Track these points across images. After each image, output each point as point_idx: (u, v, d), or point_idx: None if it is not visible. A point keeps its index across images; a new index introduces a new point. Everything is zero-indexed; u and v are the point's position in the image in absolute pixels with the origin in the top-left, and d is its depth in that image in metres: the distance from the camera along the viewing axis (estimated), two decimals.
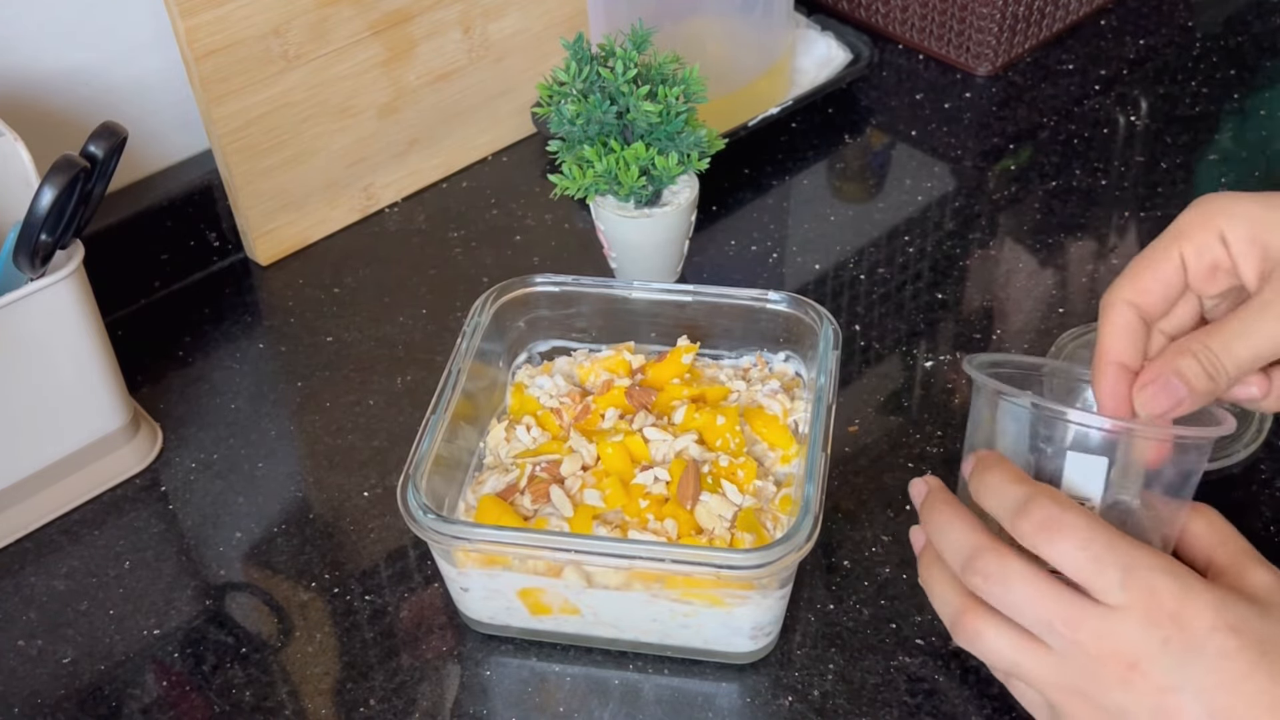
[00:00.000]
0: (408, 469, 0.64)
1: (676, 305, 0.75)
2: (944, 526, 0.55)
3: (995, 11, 1.02)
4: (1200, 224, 0.54)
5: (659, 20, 0.82)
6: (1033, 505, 0.52)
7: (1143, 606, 0.50)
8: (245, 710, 0.65)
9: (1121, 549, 0.51)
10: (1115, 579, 0.50)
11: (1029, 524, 0.52)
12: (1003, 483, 0.54)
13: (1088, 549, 0.51)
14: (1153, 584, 0.50)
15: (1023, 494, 0.53)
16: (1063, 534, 0.51)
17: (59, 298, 0.70)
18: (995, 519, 0.55)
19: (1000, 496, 0.54)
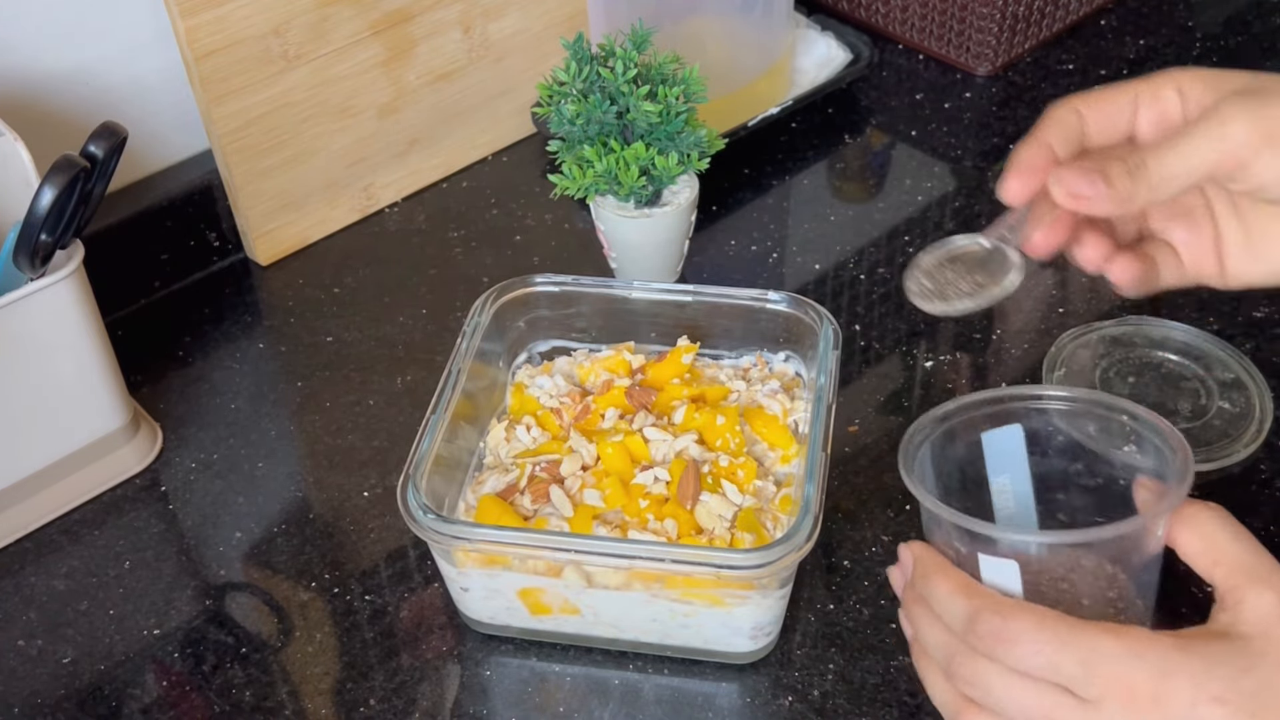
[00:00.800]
0: (408, 469, 0.64)
1: (676, 305, 0.75)
2: (919, 623, 0.54)
3: (995, 11, 1.02)
4: (1161, 76, 0.54)
5: (659, 20, 0.82)
6: (978, 622, 0.50)
7: (1117, 697, 0.48)
8: (245, 710, 0.65)
9: (1075, 644, 0.49)
10: (1079, 675, 0.49)
11: (980, 641, 0.50)
12: (946, 595, 0.52)
13: (1041, 654, 0.49)
14: (1119, 672, 0.48)
15: (966, 609, 0.51)
16: (1014, 644, 0.49)
17: (59, 298, 0.70)
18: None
19: (947, 612, 0.52)
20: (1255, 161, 0.50)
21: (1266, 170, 0.51)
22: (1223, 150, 0.50)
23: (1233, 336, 0.81)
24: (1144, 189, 0.52)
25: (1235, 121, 0.50)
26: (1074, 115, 0.55)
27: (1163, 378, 0.80)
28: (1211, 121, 0.51)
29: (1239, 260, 0.56)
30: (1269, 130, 0.50)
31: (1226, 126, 0.50)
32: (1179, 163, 0.51)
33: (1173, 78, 0.54)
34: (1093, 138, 0.55)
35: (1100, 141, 0.55)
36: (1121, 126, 0.55)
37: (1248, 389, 0.78)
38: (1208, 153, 0.51)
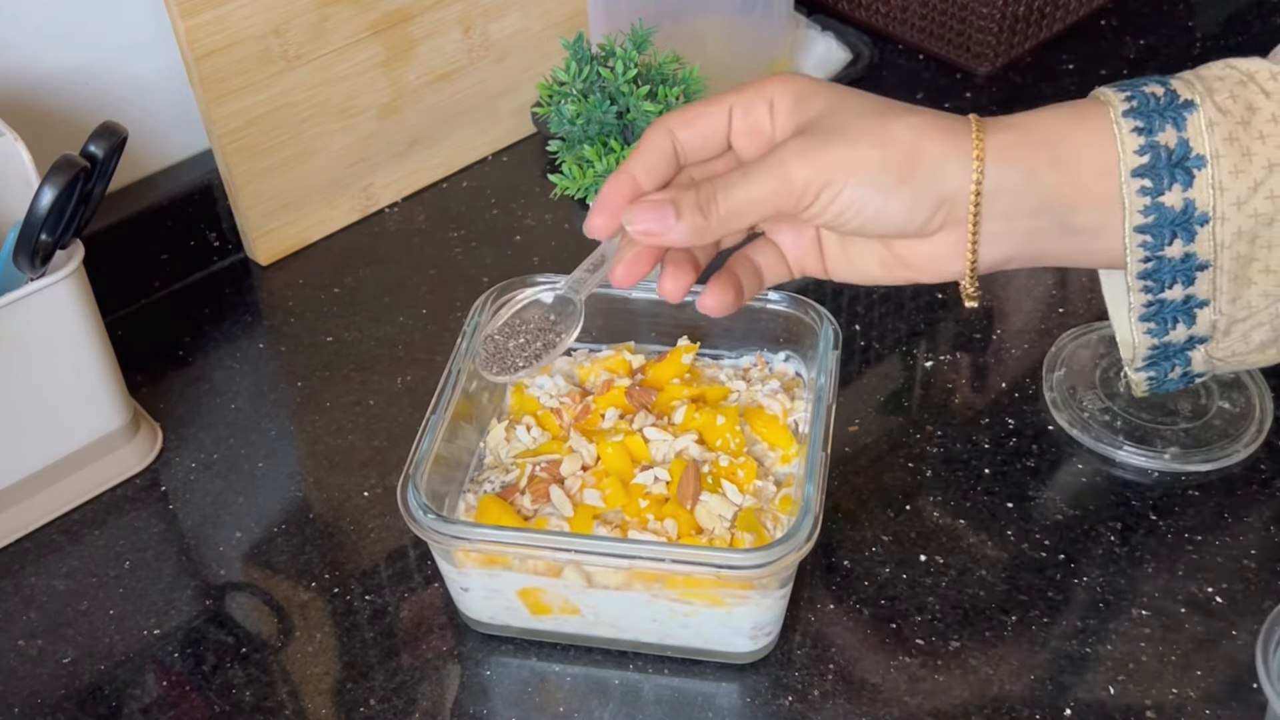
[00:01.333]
0: (408, 469, 0.64)
1: (676, 305, 0.75)
2: None
3: (995, 11, 1.02)
4: (756, 87, 0.55)
5: (659, 20, 0.82)
6: None
7: None
8: (245, 710, 0.65)
9: None
10: None
11: None
12: None
13: None
14: None
15: None
16: None
17: (59, 298, 0.70)
18: None
19: None
20: (815, 203, 0.52)
21: (826, 211, 0.53)
22: (784, 191, 0.52)
23: None
24: (715, 222, 0.53)
25: (793, 163, 0.52)
26: (666, 136, 0.56)
27: None
28: (772, 162, 0.53)
29: (836, 264, 0.58)
30: (824, 171, 0.52)
31: (785, 167, 0.52)
32: (744, 199, 0.53)
33: (766, 90, 0.55)
34: (689, 154, 0.56)
35: (698, 157, 0.57)
36: (717, 139, 0.56)
37: (1248, 389, 0.78)
38: (771, 192, 0.53)
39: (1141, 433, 0.76)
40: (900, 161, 0.52)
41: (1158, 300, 0.54)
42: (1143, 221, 0.52)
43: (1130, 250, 0.53)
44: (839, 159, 0.52)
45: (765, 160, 0.53)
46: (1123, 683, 0.64)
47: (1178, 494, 0.73)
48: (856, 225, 0.53)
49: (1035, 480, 0.74)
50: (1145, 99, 0.52)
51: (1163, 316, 0.54)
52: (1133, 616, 0.67)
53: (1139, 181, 0.52)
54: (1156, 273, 0.53)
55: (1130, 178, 0.52)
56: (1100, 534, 0.71)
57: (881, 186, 0.52)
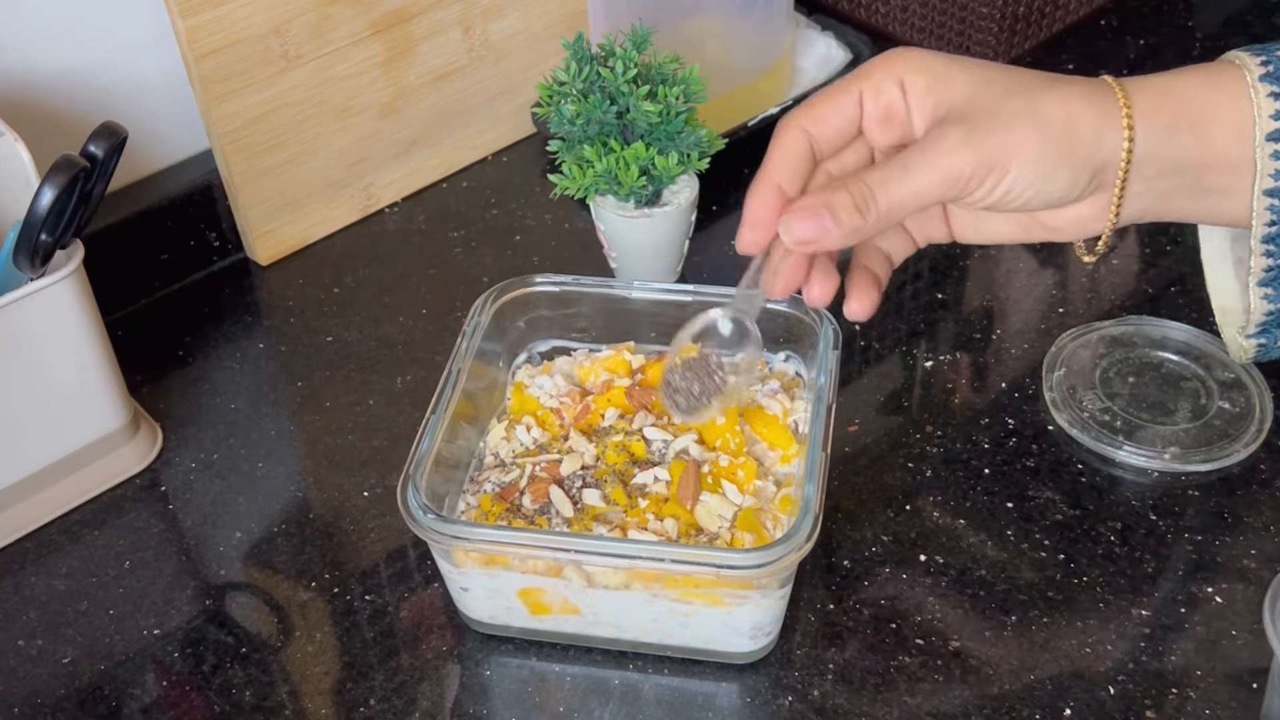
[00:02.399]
0: (408, 469, 0.64)
1: (676, 305, 0.75)
2: None
3: (995, 11, 1.02)
4: (884, 68, 0.55)
5: (659, 20, 0.82)
6: None
7: None
8: (245, 710, 0.65)
9: None
10: None
11: None
12: None
13: None
14: None
15: None
16: None
17: (59, 298, 0.70)
18: None
19: None
20: (979, 189, 0.52)
21: (989, 195, 0.53)
22: (949, 182, 0.52)
23: None
24: (873, 221, 0.53)
25: (957, 152, 0.52)
26: (800, 136, 0.55)
27: (1163, 378, 0.80)
28: (932, 153, 0.52)
29: (964, 230, 0.59)
30: (988, 159, 0.52)
31: (949, 158, 0.52)
32: (907, 194, 0.53)
33: (894, 69, 0.55)
34: (824, 149, 0.56)
35: (833, 148, 0.56)
36: (851, 129, 0.56)
37: (1248, 389, 0.78)
38: (935, 184, 0.52)
39: (1141, 433, 0.76)
40: (1059, 140, 0.52)
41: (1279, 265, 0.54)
42: (1273, 185, 0.52)
43: (1257, 213, 0.53)
44: (1001, 144, 0.52)
45: (924, 151, 0.53)
46: (1123, 683, 0.64)
47: (1178, 494, 0.73)
48: (1021, 204, 0.53)
49: (1035, 480, 0.74)
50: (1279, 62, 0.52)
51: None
52: (1132, 616, 0.67)
53: (1273, 145, 0.52)
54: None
55: (1265, 141, 0.52)
56: (1100, 534, 0.71)
57: (1044, 166, 0.52)
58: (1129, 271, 0.88)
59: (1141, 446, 0.75)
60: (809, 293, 0.57)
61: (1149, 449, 0.74)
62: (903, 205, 0.53)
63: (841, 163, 0.57)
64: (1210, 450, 0.74)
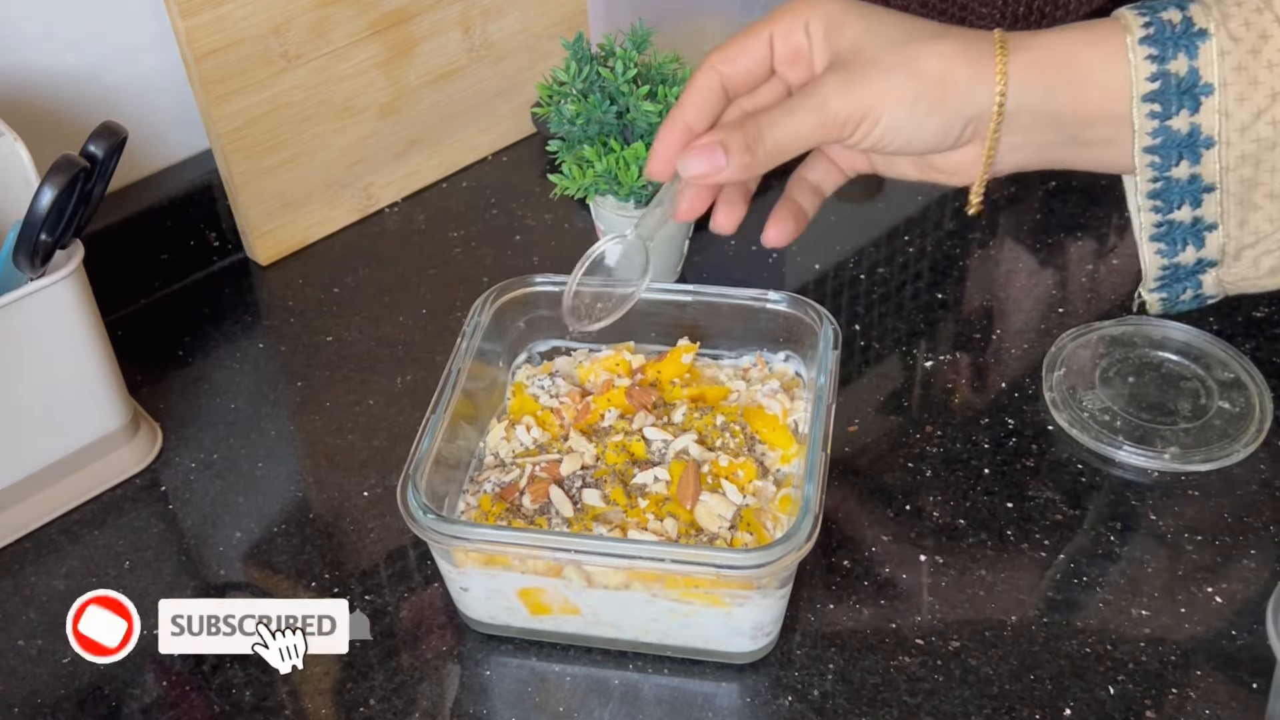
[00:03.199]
0: (408, 469, 0.64)
1: (676, 305, 0.75)
2: None
3: (995, 11, 1.02)
4: (791, 13, 0.57)
5: (659, 20, 0.82)
6: None
7: None
8: (245, 710, 0.65)
9: None
10: None
11: None
12: None
13: None
14: None
15: None
16: None
17: (59, 298, 0.70)
18: None
19: None
20: (855, 133, 0.55)
21: (864, 139, 0.56)
22: (825, 125, 0.55)
23: (1233, 336, 0.81)
24: (761, 158, 0.56)
25: (831, 99, 0.55)
26: (712, 75, 0.58)
27: (1163, 378, 0.80)
28: (811, 98, 0.55)
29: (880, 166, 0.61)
30: (861, 106, 0.55)
31: (825, 103, 0.55)
32: (790, 135, 0.55)
33: (800, 14, 0.57)
34: (736, 88, 0.59)
35: (746, 87, 0.59)
36: (761, 68, 0.59)
37: (1248, 389, 0.78)
38: (813, 128, 0.55)
39: (1141, 433, 0.76)
40: (931, 91, 0.54)
41: (1167, 221, 0.56)
42: (1151, 143, 0.54)
43: (1140, 169, 0.55)
44: (874, 93, 0.54)
45: (805, 96, 0.55)
46: (1122, 683, 0.64)
47: (1178, 494, 0.73)
48: (894, 149, 0.56)
49: (1035, 480, 0.74)
50: (1162, 25, 0.54)
51: (1172, 237, 0.57)
52: (1132, 616, 0.67)
53: (1149, 106, 0.54)
54: (1165, 193, 0.55)
55: (1141, 102, 0.54)
56: (1100, 534, 0.71)
57: (914, 115, 0.55)
58: (1129, 271, 0.88)
59: (1141, 446, 0.75)
60: (714, 221, 0.60)
61: (1149, 449, 0.74)
62: (785, 146, 0.56)
63: (756, 99, 0.60)
64: (1210, 450, 0.74)
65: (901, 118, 0.55)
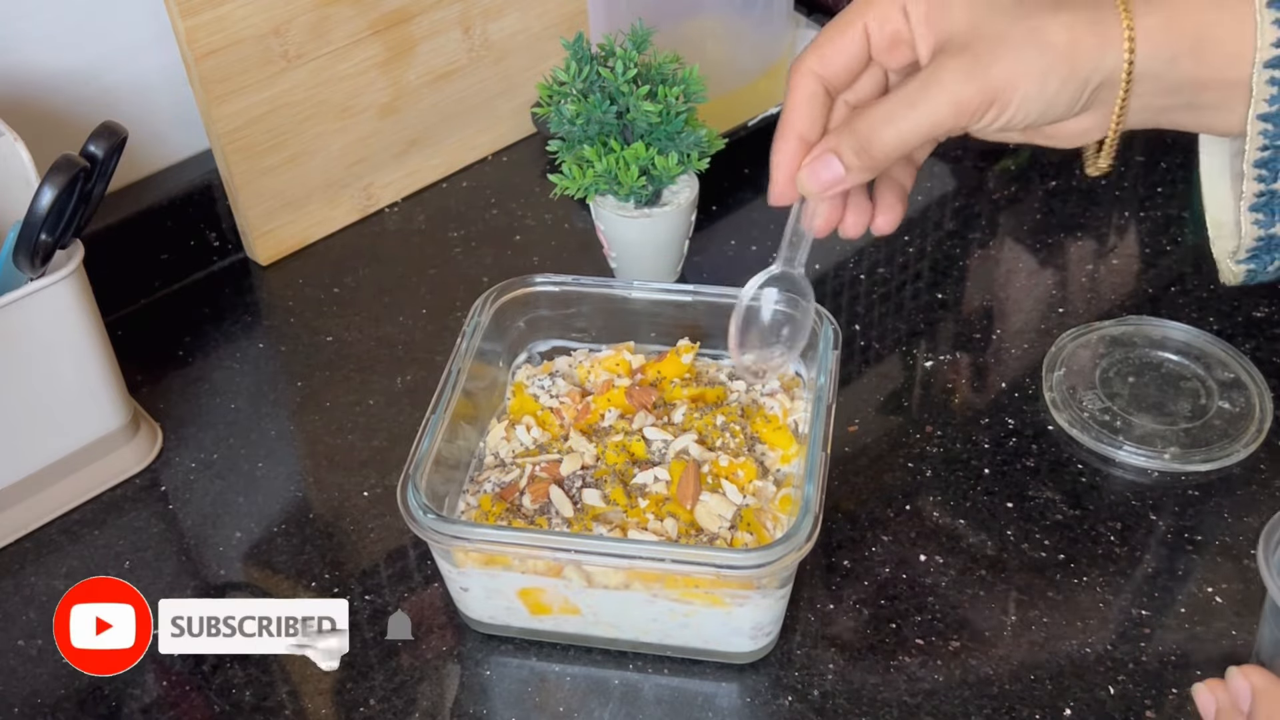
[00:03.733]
0: (408, 469, 0.64)
1: (676, 305, 0.75)
2: None
3: None
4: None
5: (659, 20, 0.82)
6: None
7: None
8: (245, 710, 0.65)
9: None
10: None
11: None
12: None
13: None
14: None
15: None
16: None
17: (59, 298, 0.70)
18: None
19: None
20: (983, 118, 0.54)
21: (994, 122, 0.54)
22: (953, 114, 0.53)
23: (1233, 336, 0.81)
24: (881, 157, 0.55)
25: (961, 85, 0.53)
26: (812, 79, 0.57)
27: (1163, 378, 0.80)
28: (934, 86, 0.53)
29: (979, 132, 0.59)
30: (992, 90, 0.53)
31: (951, 90, 0.53)
32: (912, 129, 0.54)
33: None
34: (837, 85, 0.57)
35: (845, 82, 0.58)
36: (859, 62, 0.57)
37: (1248, 389, 0.78)
38: (941, 118, 0.53)
39: (1141, 433, 0.76)
40: (1062, 64, 0.53)
41: (1270, 190, 0.55)
42: (1267, 110, 0.53)
43: (1251, 138, 0.54)
44: (1005, 74, 0.53)
45: (926, 85, 0.53)
46: (1123, 683, 0.64)
47: (1178, 494, 0.73)
48: (1021, 125, 0.54)
49: (1035, 480, 0.74)
50: None
51: (1272, 208, 0.55)
52: (1132, 616, 0.67)
53: (1270, 72, 0.52)
54: (1273, 162, 0.54)
55: (1263, 68, 0.52)
56: (1100, 534, 0.71)
57: (1045, 91, 0.53)
58: (1129, 271, 0.88)
59: (1141, 446, 0.75)
60: (844, 228, 0.59)
61: (1149, 449, 0.74)
62: (907, 139, 0.54)
63: (858, 92, 0.58)
64: (1210, 450, 0.74)
65: (1034, 96, 0.53)
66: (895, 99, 0.54)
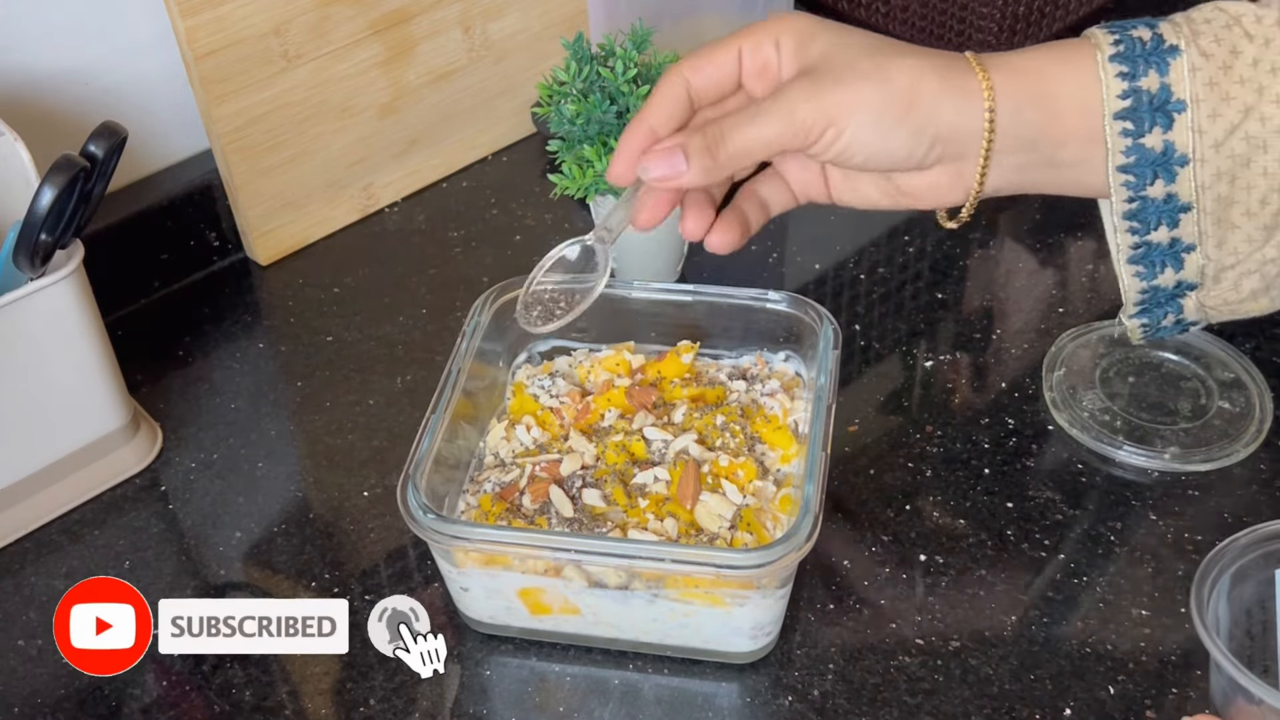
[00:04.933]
0: (408, 469, 0.64)
1: (676, 305, 0.75)
2: None
3: (995, 11, 1.02)
4: (763, 29, 0.57)
5: (659, 20, 0.82)
6: None
7: None
8: (245, 710, 0.65)
9: None
10: None
11: None
12: None
13: None
14: None
15: None
16: None
17: (59, 298, 0.70)
18: None
19: None
20: (819, 141, 0.55)
21: (830, 149, 0.55)
22: (790, 131, 0.55)
23: (1233, 336, 0.81)
24: (723, 162, 0.55)
25: (799, 105, 0.54)
26: (679, 83, 0.58)
27: (1163, 377, 0.80)
28: (778, 103, 0.55)
29: (840, 192, 0.61)
30: (828, 113, 0.54)
31: (791, 108, 0.54)
32: (753, 139, 0.55)
33: (771, 31, 0.57)
34: (703, 98, 0.58)
35: (711, 98, 0.59)
36: (729, 81, 0.58)
37: (1248, 389, 0.78)
38: (777, 133, 0.55)
39: (1141, 433, 0.76)
40: (898, 103, 0.54)
41: (1144, 242, 0.56)
42: (1125, 161, 0.54)
43: (1115, 189, 0.55)
44: (841, 100, 0.54)
45: (771, 101, 0.55)
46: (1122, 683, 0.64)
47: (1178, 494, 0.73)
48: (859, 161, 0.56)
49: (1035, 480, 0.74)
50: (1132, 43, 0.53)
51: (1150, 259, 0.56)
52: (1133, 616, 0.67)
53: (1121, 123, 0.54)
54: (1141, 213, 0.55)
55: (1113, 119, 0.54)
56: (1100, 534, 0.71)
57: (880, 125, 0.54)
58: None
59: (1141, 446, 0.75)
60: (682, 226, 0.60)
61: (1149, 449, 0.74)
62: (749, 149, 0.55)
63: (722, 110, 0.59)
64: (1210, 450, 0.74)
65: (867, 128, 0.54)
66: (745, 110, 0.56)
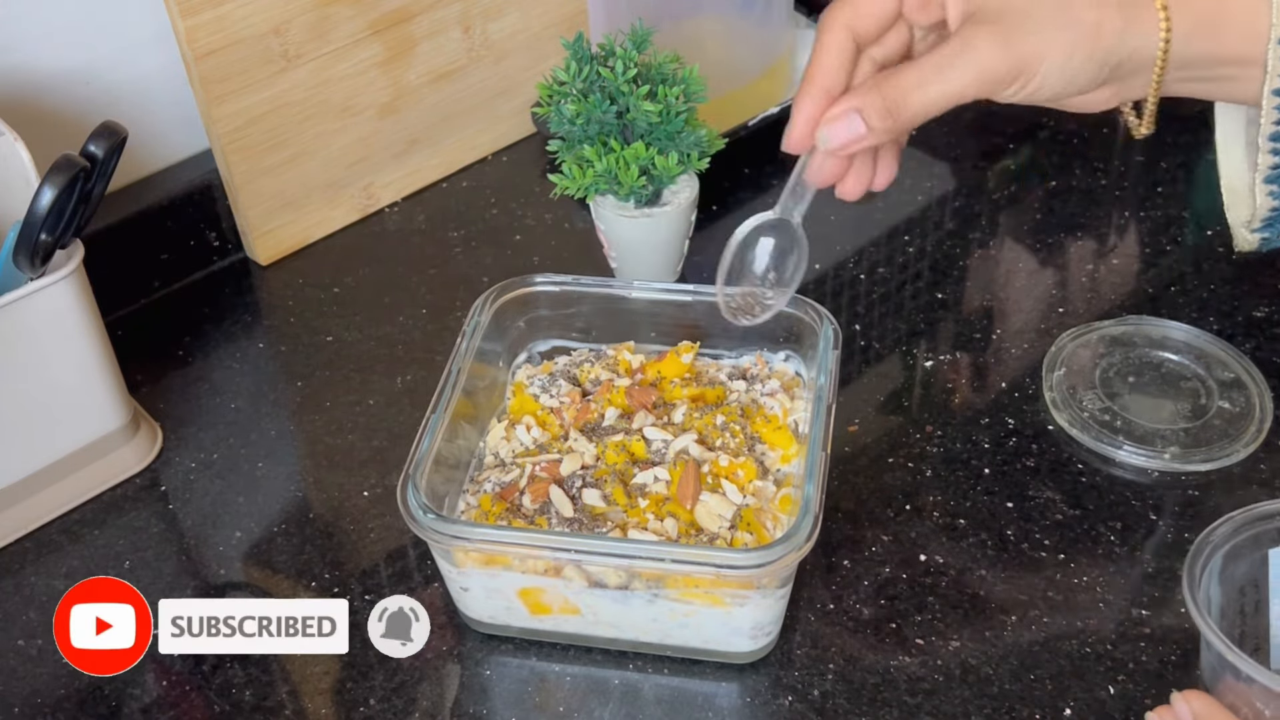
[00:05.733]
0: (408, 469, 0.64)
1: (676, 305, 0.75)
2: None
3: None
4: None
5: (659, 20, 0.82)
6: None
7: None
8: (245, 710, 0.65)
9: None
10: None
11: None
12: None
13: None
14: None
15: None
16: None
17: (59, 298, 0.70)
18: None
19: None
20: (1011, 87, 0.55)
21: (1018, 94, 0.56)
22: (981, 82, 0.54)
23: (1233, 336, 0.81)
24: (906, 121, 0.55)
25: (990, 55, 0.54)
26: (842, 33, 0.57)
27: (1163, 377, 0.80)
28: (966, 56, 0.54)
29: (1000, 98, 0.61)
30: (1019, 62, 0.54)
31: (981, 60, 0.54)
32: (939, 95, 0.55)
33: None
34: (866, 38, 0.58)
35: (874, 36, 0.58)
36: (890, 15, 0.58)
37: (1248, 389, 0.78)
38: (967, 85, 0.55)
39: (1141, 433, 0.76)
40: (1087, 41, 0.54)
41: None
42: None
43: (1266, 112, 0.55)
44: (1034, 49, 0.54)
45: (955, 52, 0.54)
46: (1122, 683, 0.64)
47: (1178, 494, 0.73)
48: (1043, 99, 0.56)
49: (1035, 480, 0.74)
50: None
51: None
52: (1132, 616, 0.67)
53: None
54: None
55: (1277, 44, 0.54)
56: (1100, 534, 0.71)
57: (1069, 66, 0.54)
58: (1129, 271, 0.88)
59: (1141, 446, 0.75)
60: (842, 189, 0.60)
61: (1149, 449, 0.74)
62: (935, 104, 0.55)
63: (884, 48, 0.59)
64: (1210, 450, 0.74)
65: (1058, 70, 0.54)
66: (926, 64, 0.55)
